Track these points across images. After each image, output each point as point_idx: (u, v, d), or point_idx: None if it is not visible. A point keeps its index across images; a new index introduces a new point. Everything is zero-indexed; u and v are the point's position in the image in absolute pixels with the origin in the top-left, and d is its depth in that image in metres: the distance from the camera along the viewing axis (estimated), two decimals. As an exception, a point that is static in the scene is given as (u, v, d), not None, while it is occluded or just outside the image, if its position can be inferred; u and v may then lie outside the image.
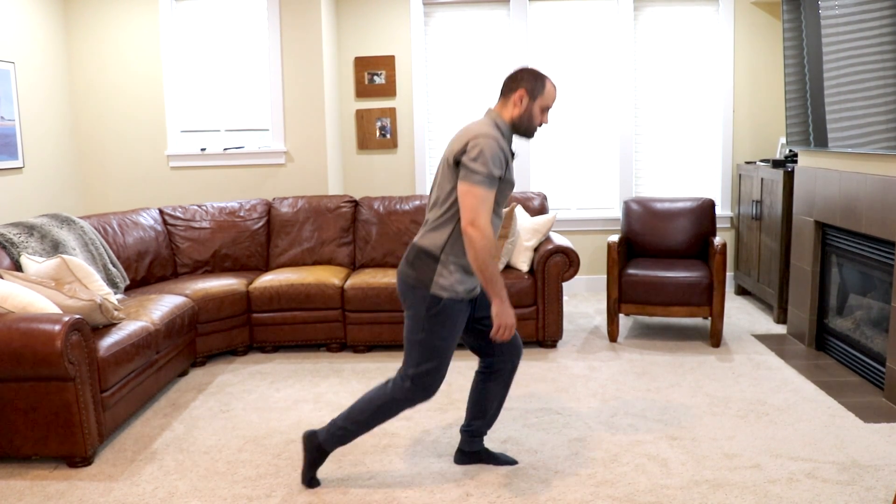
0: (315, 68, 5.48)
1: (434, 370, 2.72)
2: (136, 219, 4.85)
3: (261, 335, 4.60)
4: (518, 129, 2.73)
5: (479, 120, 2.69)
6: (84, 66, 5.56)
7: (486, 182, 2.55)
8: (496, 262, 2.59)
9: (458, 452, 3.05)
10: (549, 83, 2.72)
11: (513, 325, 2.65)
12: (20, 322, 3.00)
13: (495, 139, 2.58)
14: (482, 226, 2.53)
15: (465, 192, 2.56)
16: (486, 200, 2.55)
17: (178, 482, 2.95)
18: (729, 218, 5.98)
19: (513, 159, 2.75)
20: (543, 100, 2.71)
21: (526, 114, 2.70)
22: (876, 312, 3.93)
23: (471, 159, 2.56)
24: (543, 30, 5.90)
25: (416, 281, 2.68)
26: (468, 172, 2.56)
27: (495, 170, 2.56)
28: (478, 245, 2.54)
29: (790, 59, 4.46)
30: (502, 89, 2.74)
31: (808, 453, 3.06)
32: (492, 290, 2.60)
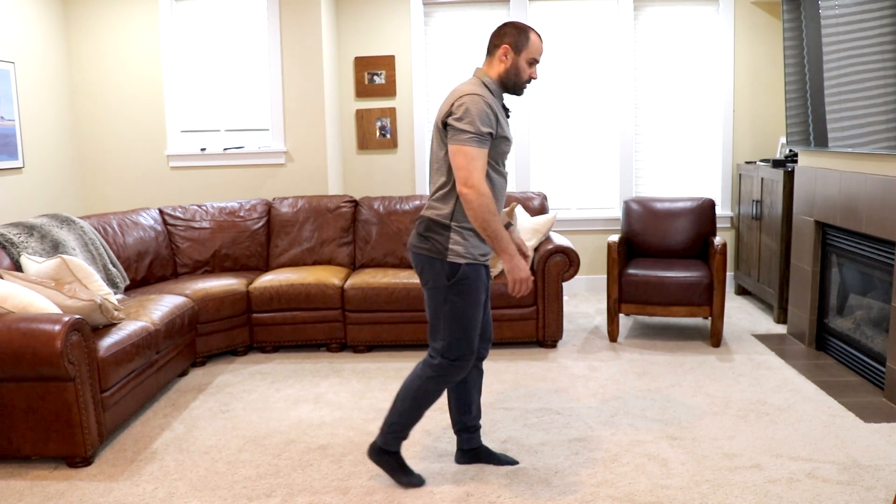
0: (315, 68, 5.48)
1: (463, 340, 2.68)
2: (136, 219, 4.85)
3: (261, 335, 4.60)
4: (506, 86, 2.70)
5: (467, 80, 2.67)
6: (84, 66, 5.56)
7: (475, 140, 2.53)
8: (497, 219, 2.56)
9: (458, 452, 3.05)
10: (533, 35, 2.68)
11: (528, 279, 2.62)
12: (20, 322, 3.00)
13: (481, 96, 2.56)
14: (476, 184, 2.51)
15: (455, 153, 2.54)
16: (478, 158, 2.53)
17: (178, 482, 2.95)
18: (729, 218, 5.98)
19: (507, 116, 2.73)
20: (529, 52, 2.67)
21: (512, 68, 2.67)
22: (876, 312, 3.93)
23: (457, 119, 2.54)
24: (543, 30, 5.90)
25: (430, 252, 2.65)
26: (456, 132, 2.54)
27: (483, 127, 2.53)
28: (475, 204, 2.52)
29: (790, 59, 4.46)
30: (488, 47, 2.72)
31: (809, 453, 3.06)
32: (498, 247, 2.58)
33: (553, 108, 5.98)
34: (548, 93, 5.96)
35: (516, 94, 2.75)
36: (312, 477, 2.97)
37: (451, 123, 2.56)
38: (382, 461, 2.85)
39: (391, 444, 2.83)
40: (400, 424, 2.80)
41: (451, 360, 2.71)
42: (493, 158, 2.64)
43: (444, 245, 2.64)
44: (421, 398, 2.76)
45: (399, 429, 2.81)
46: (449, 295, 2.66)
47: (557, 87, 5.95)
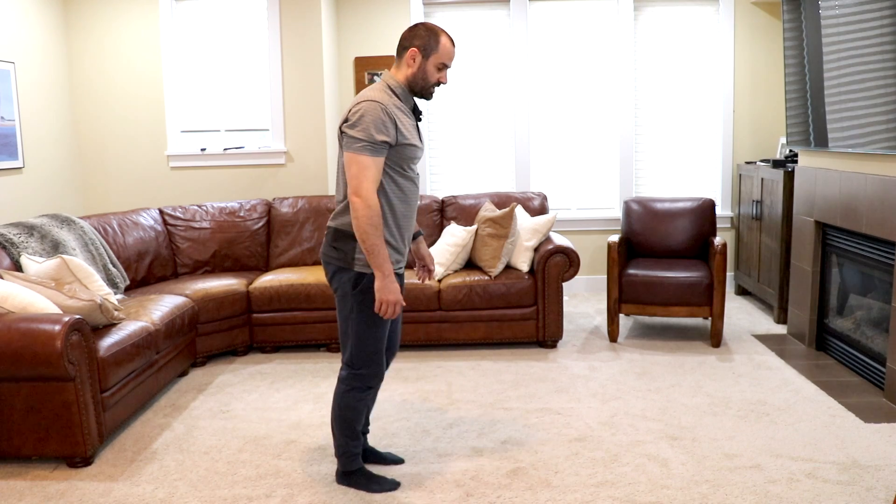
0: (315, 68, 5.48)
1: (370, 351, 2.68)
2: (136, 219, 4.84)
3: (261, 335, 4.60)
4: (414, 90, 2.65)
5: (371, 86, 2.62)
6: (84, 66, 5.56)
7: (368, 149, 2.48)
8: (380, 234, 2.51)
9: None
10: (444, 38, 2.62)
11: (395, 302, 2.55)
12: (20, 322, 3.00)
13: (378, 102, 2.50)
14: (365, 195, 2.47)
15: (348, 161, 2.51)
16: (370, 168, 2.49)
17: (179, 482, 2.95)
18: (729, 218, 5.98)
19: (419, 119, 2.69)
20: (438, 57, 2.61)
21: (420, 72, 2.62)
22: (876, 312, 3.93)
23: (350, 126, 2.50)
24: (543, 30, 5.90)
25: (338, 261, 2.64)
26: (349, 140, 2.50)
27: (378, 135, 2.48)
28: (360, 213, 2.47)
29: (790, 59, 4.46)
30: (397, 48, 2.66)
31: (809, 453, 3.06)
32: (373, 263, 2.52)
33: (553, 108, 5.98)
34: (548, 93, 5.96)
35: (425, 98, 2.69)
36: (312, 477, 2.97)
37: (345, 131, 2.53)
38: (351, 481, 2.85)
39: (349, 464, 2.84)
40: (345, 444, 2.81)
41: (357, 369, 2.71)
42: (398, 165, 2.59)
43: (350, 255, 2.61)
44: (347, 414, 2.76)
45: (346, 449, 2.82)
46: (355, 304, 2.64)
47: (557, 87, 5.95)
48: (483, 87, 5.99)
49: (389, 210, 2.63)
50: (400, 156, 2.59)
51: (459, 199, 5.17)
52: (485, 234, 4.59)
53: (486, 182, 6.07)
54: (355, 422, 2.78)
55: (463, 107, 6.01)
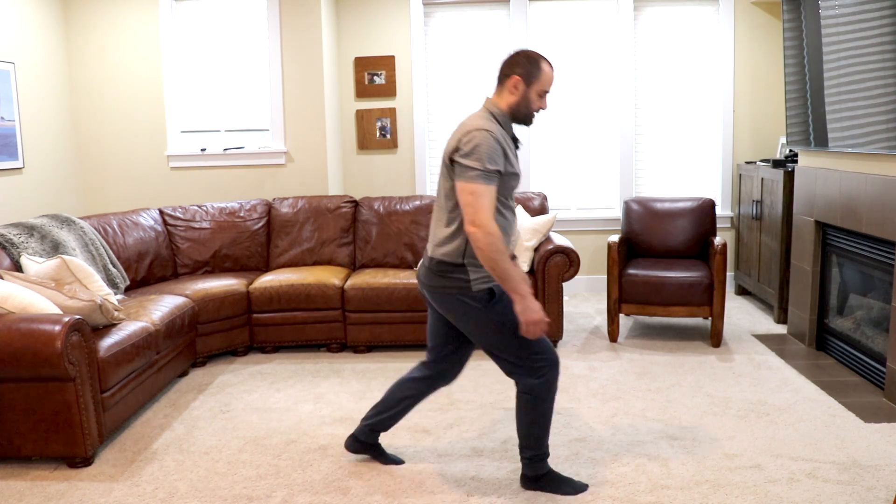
0: (315, 68, 5.48)
1: (534, 348, 2.64)
2: (137, 219, 4.85)
3: (261, 335, 4.60)
4: (516, 117, 2.66)
5: (475, 112, 2.63)
6: (84, 66, 5.56)
7: (482, 178, 2.48)
8: (507, 257, 2.50)
9: (353, 438, 3.05)
10: (544, 66, 2.62)
11: (540, 321, 2.53)
12: (20, 322, 3.00)
13: (489, 132, 2.51)
14: (484, 223, 2.46)
15: (462, 191, 2.50)
16: (485, 196, 2.48)
17: (179, 482, 2.95)
18: (729, 218, 5.98)
19: (517, 148, 2.69)
20: (540, 84, 2.62)
21: (523, 101, 2.63)
22: (876, 312, 3.93)
23: (464, 156, 2.50)
24: (543, 30, 5.90)
25: (453, 290, 2.62)
26: (463, 170, 2.50)
27: (491, 164, 2.49)
28: (482, 243, 2.47)
29: (790, 59, 4.46)
30: (498, 76, 2.67)
31: (809, 453, 3.06)
32: (509, 288, 2.51)
33: (553, 108, 5.98)
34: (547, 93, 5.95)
35: (526, 125, 2.70)
36: (312, 477, 2.97)
37: (457, 160, 2.52)
38: (542, 485, 2.80)
39: (542, 468, 2.80)
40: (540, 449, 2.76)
41: (538, 377, 2.67)
42: (501, 194, 2.59)
43: (466, 280, 2.60)
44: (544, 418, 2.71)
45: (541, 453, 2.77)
46: (496, 318, 2.62)
47: (558, 87, 5.95)
48: (483, 88, 5.99)
49: None
50: (504, 185, 2.59)
51: (459, 199, 5.16)
52: (485, 234, 4.58)
53: (486, 182, 6.06)
54: (547, 424, 2.74)
55: (463, 107, 6.01)
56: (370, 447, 3.06)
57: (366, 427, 3.02)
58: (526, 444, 2.76)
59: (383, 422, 3.00)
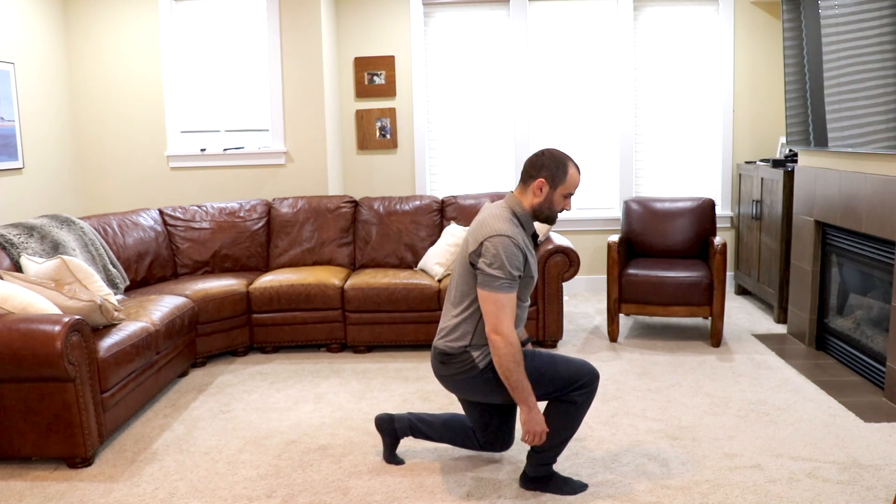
0: (315, 68, 5.48)
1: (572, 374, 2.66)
2: (136, 219, 4.85)
3: (261, 336, 4.59)
4: (539, 217, 2.69)
5: (496, 210, 2.63)
6: (84, 66, 5.57)
7: (505, 287, 2.52)
8: (522, 369, 2.54)
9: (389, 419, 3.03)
10: (571, 169, 2.64)
11: (543, 432, 2.60)
12: (20, 323, 3.00)
13: (510, 238, 2.53)
14: (506, 332, 2.51)
15: (485, 299, 2.54)
16: (508, 304, 2.53)
17: (179, 483, 2.95)
18: (729, 218, 5.98)
19: (536, 246, 2.72)
20: (565, 188, 2.64)
21: (546, 202, 2.65)
22: (876, 312, 3.93)
23: (487, 264, 2.52)
24: (543, 30, 5.90)
25: (465, 373, 2.67)
26: (486, 278, 2.52)
27: (514, 271, 2.52)
28: (502, 352, 2.52)
29: (790, 59, 4.46)
30: (522, 174, 2.68)
31: (809, 453, 3.05)
32: (518, 398, 2.56)
33: (553, 108, 5.98)
34: (548, 93, 5.96)
35: (549, 224, 2.74)
36: (312, 477, 2.97)
37: (480, 268, 2.55)
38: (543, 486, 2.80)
39: (545, 470, 2.80)
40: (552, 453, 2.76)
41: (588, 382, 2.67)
42: (517, 296, 2.64)
43: (470, 364, 2.66)
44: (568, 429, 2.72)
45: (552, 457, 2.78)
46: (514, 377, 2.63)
47: (557, 87, 5.95)
48: (483, 88, 5.99)
49: None
50: (520, 288, 2.63)
51: (459, 199, 5.17)
52: (485, 235, 4.58)
53: (486, 182, 6.07)
54: (573, 434, 2.75)
55: (463, 107, 6.01)
56: (393, 437, 3.06)
57: (407, 422, 3.02)
58: (547, 446, 2.75)
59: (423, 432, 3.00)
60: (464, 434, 2.96)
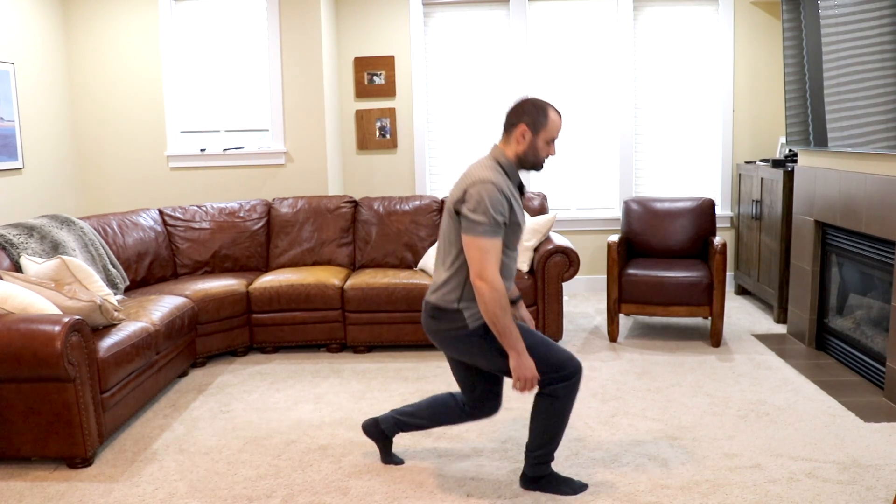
0: (315, 69, 5.48)
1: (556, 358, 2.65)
2: (136, 219, 4.85)
3: (261, 336, 4.59)
4: (524, 165, 2.66)
5: (481, 161, 2.63)
6: (84, 66, 5.57)
7: (489, 231, 2.50)
8: (509, 314, 2.53)
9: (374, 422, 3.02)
10: (552, 114, 2.63)
11: (533, 378, 2.57)
12: (20, 323, 3.00)
13: (494, 184, 2.52)
14: (490, 278, 2.49)
15: (469, 245, 2.52)
16: (492, 250, 2.50)
17: (179, 483, 2.95)
18: (729, 218, 5.98)
19: (522, 195, 2.71)
20: (547, 132, 2.62)
21: (530, 149, 2.63)
22: (876, 312, 3.93)
23: (470, 210, 2.51)
24: (543, 30, 5.90)
25: (455, 330, 2.65)
26: (470, 224, 2.51)
27: (498, 216, 2.51)
28: (486, 298, 2.50)
29: (790, 59, 4.46)
30: (504, 124, 2.67)
31: (809, 453, 3.06)
32: (506, 343, 2.55)
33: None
34: (548, 93, 5.96)
35: (535, 171, 2.71)
36: (312, 477, 2.97)
37: (464, 213, 2.53)
38: (542, 485, 2.80)
39: (545, 469, 2.80)
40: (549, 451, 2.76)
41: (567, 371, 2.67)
42: (503, 244, 2.61)
43: (461, 322, 2.63)
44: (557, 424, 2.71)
45: (547, 455, 2.78)
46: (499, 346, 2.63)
47: (557, 87, 5.95)
48: (482, 88, 5.99)
49: None
50: (506, 236, 2.61)
51: (459, 199, 5.16)
52: (485, 235, 4.58)
53: (486, 182, 6.06)
54: (563, 430, 2.74)
55: (463, 107, 6.01)
56: (384, 439, 3.04)
57: (392, 420, 3.00)
58: (537, 444, 2.75)
59: (411, 425, 2.98)
60: (451, 409, 2.92)
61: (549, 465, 2.81)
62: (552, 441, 2.75)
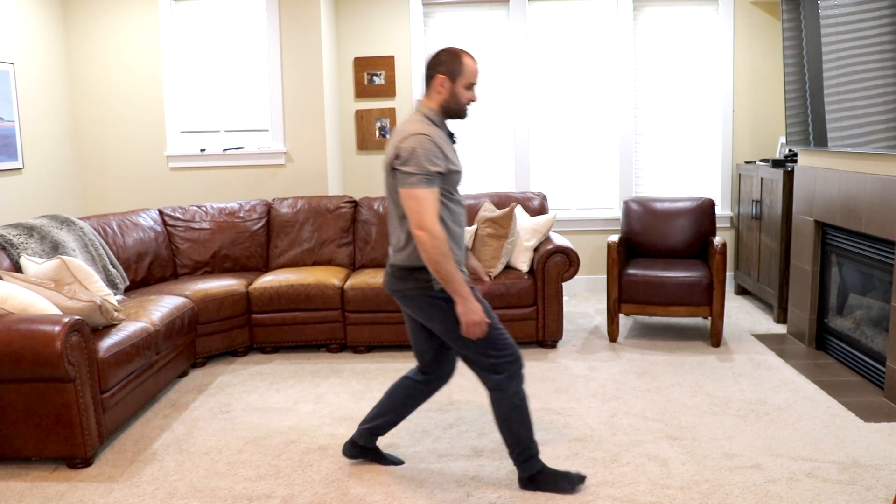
0: (314, 69, 5.48)
1: (500, 340, 2.68)
2: (136, 220, 4.85)
3: (261, 336, 4.59)
4: (448, 114, 2.68)
5: (410, 117, 2.67)
6: (84, 66, 5.57)
7: (424, 182, 2.52)
8: (451, 260, 2.54)
9: (351, 443, 3.05)
10: (466, 59, 2.65)
11: (481, 322, 2.58)
12: (20, 323, 3.00)
13: (424, 135, 2.55)
14: (429, 227, 2.51)
15: (405, 197, 2.54)
16: (428, 200, 2.52)
17: (179, 483, 2.95)
18: (729, 217, 5.98)
19: (454, 142, 2.72)
20: (464, 78, 2.64)
21: (451, 97, 2.65)
22: (876, 312, 3.93)
23: (403, 163, 2.54)
24: (543, 30, 5.90)
25: (418, 290, 2.66)
26: (404, 176, 2.54)
27: (431, 166, 2.52)
28: (427, 246, 2.52)
29: (790, 59, 4.46)
30: (425, 78, 2.71)
31: (809, 453, 3.06)
32: (450, 289, 2.56)
33: (553, 108, 5.98)
34: (547, 93, 5.96)
35: (460, 119, 2.72)
36: (312, 478, 2.97)
37: (397, 168, 2.56)
38: (539, 483, 2.81)
39: (532, 466, 2.80)
40: (524, 448, 2.77)
41: (501, 372, 2.69)
42: (446, 191, 2.63)
43: (426, 280, 2.64)
44: (517, 415, 2.73)
45: (527, 452, 2.78)
46: (454, 314, 2.64)
47: (557, 87, 5.95)
48: (482, 87, 5.99)
49: (448, 234, 2.65)
50: (447, 182, 2.63)
51: (459, 199, 5.16)
52: (484, 235, 4.59)
53: (486, 182, 6.07)
54: (527, 417, 2.75)
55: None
56: (369, 451, 3.06)
57: (365, 431, 3.02)
58: (510, 443, 2.77)
59: (383, 426, 3.00)
60: (409, 389, 2.94)
61: (536, 461, 2.80)
62: (520, 436, 2.75)
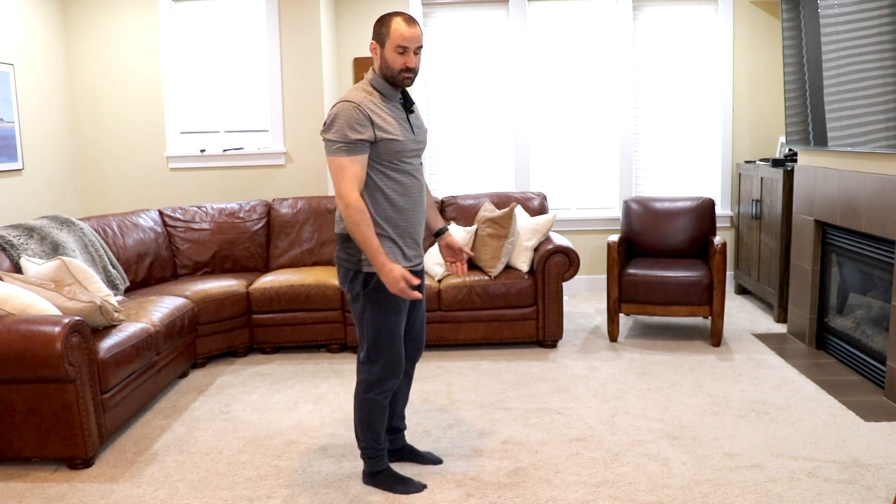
0: (314, 69, 5.49)
1: (385, 347, 2.69)
2: (136, 220, 4.85)
3: (261, 336, 4.60)
4: (389, 80, 2.63)
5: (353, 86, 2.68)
6: (83, 67, 5.57)
7: (343, 150, 2.51)
8: (369, 230, 2.52)
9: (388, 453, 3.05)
10: (394, 22, 2.57)
11: (401, 277, 2.52)
12: (20, 324, 3.00)
13: (350, 102, 2.53)
14: (344, 195, 2.51)
15: (329, 165, 2.56)
16: (347, 168, 2.51)
17: (179, 483, 2.95)
18: (729, 217, 5.98)
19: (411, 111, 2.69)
20: (392, 41, 2.56)
21: (383, 62, 2.61)
22: (876, 311, 3.93)
23: (325, 130, 2.55)
24: (543, 30, 5.90)
25: (348, 264, 2.67)
26: (327, 143, 2.55)
27: (352, 134, 2.50)
28: (343, 214, 2.53)
29: (790, 59, 4.46)
30: None
31: (809, 452, 3.06)
32: (367, 254, 2.55)
33: (553, 108, 5.98)
34: (547, 93, 5.96)
35: (400, 86, 2.64)
36: (313, 478, 2.97)
37: (322, 136, 2.57)
38: (378, 482, 2.85)
39: (375, 464, 2.84)
40: (369, 444, 2.82)
41: (374, 363, 2.71)
42: (387, 160, 2.60)
43: (356, 257, 2.64)
44: (369, 413, 2.77)
45: (371, 449, 2.82)
46: (367, 302, 2.66)
47: (557, 87, 5.95)
48: (482, 87, 5.99)
49: (390, 206, 2.63)
50: (386, 151, 2.59)
51: (459, 199, 5.17)
52: (484, 235, 4.59)
53: (486, 182, 6.07)
54: (378, 421, 2.78)
55: (462, 107, 6.01)
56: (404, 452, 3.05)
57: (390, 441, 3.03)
58: (357, 436, 2.82)
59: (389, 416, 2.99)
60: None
61: (380, 461, 2.83)
62: (367, 433, 2.78)
